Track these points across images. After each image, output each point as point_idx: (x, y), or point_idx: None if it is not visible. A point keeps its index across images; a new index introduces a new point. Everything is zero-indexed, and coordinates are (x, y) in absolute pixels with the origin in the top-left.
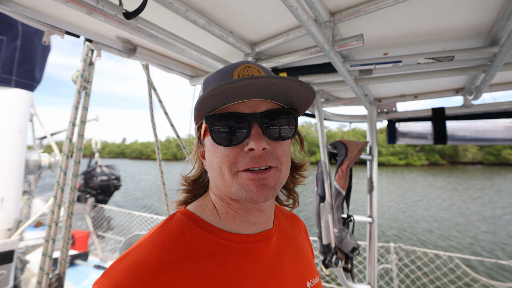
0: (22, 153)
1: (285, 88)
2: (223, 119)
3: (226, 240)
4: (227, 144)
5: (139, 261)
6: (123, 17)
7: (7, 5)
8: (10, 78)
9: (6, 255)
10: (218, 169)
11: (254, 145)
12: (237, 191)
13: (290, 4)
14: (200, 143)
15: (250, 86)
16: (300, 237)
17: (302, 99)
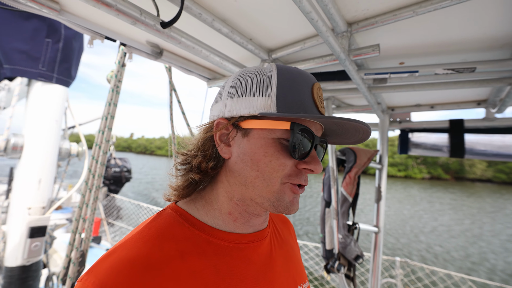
0: (57, 141)
1: (357, 133)
2: (304, 132)
3: (218, 239)
4: (296, 157)
5: (126, 259)
6: (160, 26)
7: (64, 15)
8: (52, 75)
9: (40, 229)
10: (266, 173)
11: (318, 169)
12: (277, 199)
13: (311, 17)
14: (235, 127)
15: (342, 124)
16: (291, 240)
17: (343, 140)
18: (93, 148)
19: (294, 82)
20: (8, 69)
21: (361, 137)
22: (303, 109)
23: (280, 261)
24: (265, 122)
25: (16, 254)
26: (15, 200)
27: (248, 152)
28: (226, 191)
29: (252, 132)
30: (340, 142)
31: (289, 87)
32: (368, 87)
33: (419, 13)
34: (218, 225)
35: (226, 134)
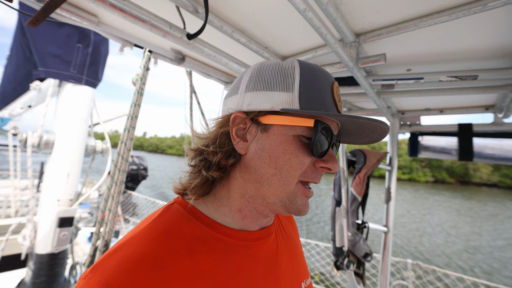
0: (84, 138)
1: (372, 133)
2: (325, 130)
3: (227, 236)
4: (315, 155)
5: (133, 257)
6: (186, 38)
7: (101, 27)
8: (81, 77)
9: (68, 220)
10: (284, 171)
11: (334, 167)
12: (289, 200)
13: (320, 32)
14: (255, 122)
15: (369, 125)
16: (295, 236)
17: (356, 140)
18: (118, 145)
19: (316, 80)
20: (42, 71)
21: (376, 137)
22: (324, 107)
23: (286, 257)
24: (287, 118)
25: (46, 242)
26: (45, 192)
27: (266, 148)
28: (239, 188)
29: (272, 128)
30: (352, 141)
31: (311, 84)
32: (377, 92)
33: (420, 27)
34: (227, 223)
35: (244, 129)
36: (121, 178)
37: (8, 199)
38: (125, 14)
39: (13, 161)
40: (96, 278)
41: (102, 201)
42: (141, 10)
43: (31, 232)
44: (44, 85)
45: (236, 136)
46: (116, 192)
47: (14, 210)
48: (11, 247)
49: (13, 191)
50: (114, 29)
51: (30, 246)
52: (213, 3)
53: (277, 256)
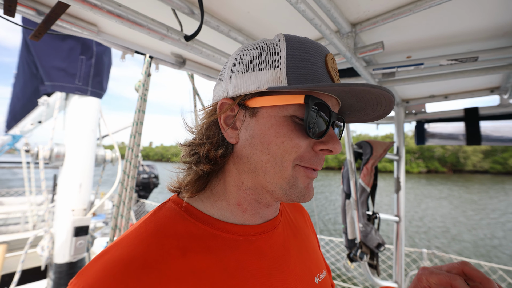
0: (93, 148)
1: (374, 109)
2: (319, 107)
3: (225, 232)
4: (311, 135)
5: (120, 260)
6: (184, 40)
7: (101, 36)
8: (87, 89)
9: (83, 229)
10: (278, 155)
11: (336, 149)
12: (289, 185)
13: (315, 23)
14: (242, 108)
15: (369, 95)
16: (306, 228)
17: (362, 117)
18: (126, 151)
19: (306, 52)
20: (49, 85)
21: (384, 111)
22: (317, 82)
23: (295, 251)
24: (275, 98)
25: (64, 252)
26: (60, 203)
27: (257, 133)
28: (235, 180)
29: (261, 111)
30: (359, 119)
31: (300, 57)
32: (379, 81)
33: (415, 11)
34: (226, 217)
35: (232, 116)
36: (131, 184)
37: (26, 214)
38: (122, 20)
39: (27, 178)
40: (80, 284)
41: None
42: (138, 15)
43: (49, 243)
44: (52, 99)
45: (225, 124)
46: (127, 198)
47: (31, 225)
48: (30, 260)
49: (29, 206)
50: (114, 37)
51: (49, 257)
52: (208, 3)
53: (284, 250)
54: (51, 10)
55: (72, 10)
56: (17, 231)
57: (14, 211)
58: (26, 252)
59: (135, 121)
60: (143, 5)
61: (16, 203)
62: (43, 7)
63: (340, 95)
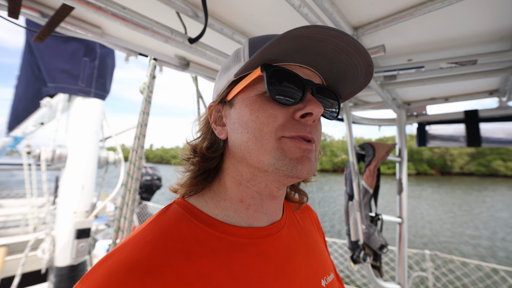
0: (96, 150)
1: (352, 65)
2: (282, 74)
3: (230, 235)
4: (282, 101)
5: (124, 263)
6: (188, 42)
7: (105, 38)
8: (90, 90)
9: (85, 231)
10: (255, 130)
11: (315, 109)
12: (276, 158)
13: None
14: (224, 104)
15: (331, 46)
16: (313, 230)
17: (352, 86)
18: (130, 153)
19: (267, 40)
20: (52, 87)
21: (363, 61)
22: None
23: (301, 254)
24: (242, 82)
25: (65, 255)
26: (62, 205)
27: (236, 119)
28: (234, 176)
29: (236, 99)
30: (353, 87)
31: (261, 45)
32: (380, 84)
33: (416, 16)
34: (230, 217)
35: (221, 116)
36: (134, 186)
37: (26, 217)
38: (127, 22)
39: (28, 180)
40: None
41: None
42: (142, 17)
43: (50, 246)
44: (54, 101)
45: (216, 124)
46: (130, 200)
47: (32, 228)
48: (31, 263)
49: (30, 209)
50: (118, 39)
51: (49, 260)
52: (212, 6)
53: (290, 252)
54: (55, 12)
55: (76, 12)
56: (18, 234)
57: (15, 214)
58: (26, 255)
59: (139, 123)
60: (148, 8)
61: (17, 205)
62: (47, 9)
63: (302, 61)
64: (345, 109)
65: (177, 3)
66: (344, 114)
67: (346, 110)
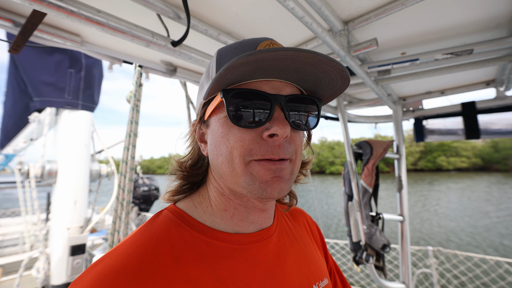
0: (87, 163)
1: (322, 72)
2: (244, 96)
3: (219, 241)
4: (245, 125)
5: (113, 267)
6: (171, 45)
7: (85, 46)
8: (77, 103)
9: (80, 247)
10: (227, 154)
11: (278, 131)
12: (247, 183)
13: (305, 21)
14: (203, 123)
15: (289, 61)
16: (305, 235)
17: (331, 89)
18: (120, 165)
19: (234, 52)
20: (38, 101)
21: (332, 68)
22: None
23: (291, 260)
24: (212, 104)
25: (60, 272)
26: (55, 222)
27: (212, 139)
28: (216, 187)
29: (210, 120)
30: (331, 92)
31: (227, 60)
32: (375, 80)
33: (407, 5)
34: (217, 224)
35: (204, 134)
36: (127, 199)
37: (23, 235)
38: (103, 27)
39: (22, 197)
40: None
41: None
42: (120, 21)
43: (44, 264)
44: (43, 116)
45: (201, 141)
46: (123, 213)
47: (29, 246)
48: (26, 283)
49: (25, 227)
50: (100, 47)
51: (45, 279)
52: (194, 6)
53: (279, 258)
54: (26, 20)
55: (51, 20)
56: (16, 253)
57: (11, 232)
58: (20, 275)
59: (128, 133)
60: (126, 11)
61: (13, 224)
62: (19, 17)
63: (274, 70)
64: (340, 107)
65: (157, 4)
66: (339, 113)
67: (341, 109)
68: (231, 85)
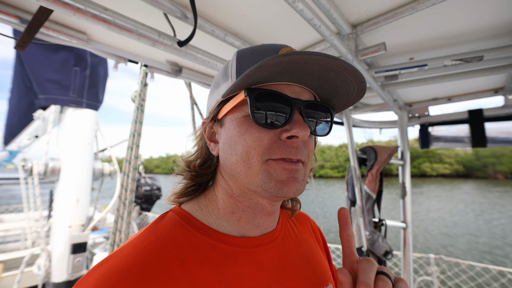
0: (91, 162)
1: (342, 81)
2: (267, 97)
3: (224, 244)
4: (266, 125)
5: (119, 268)
6: (177, 45)
7: (91, 44)
8: (81, 101)
9: (81, 246)
10: (244, 153)
11: (300, 133)
12: (263, 181)
13: (314, 23)
14: (215, 122)
15: (316, 67)
16: (310, 239)
17: (345, 99)
18: (123, 164)
19: (256, 54)
20: (43, 98)
21: (353, 78)
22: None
23: (296, 263)
24: (231, 102)
25: (61, 270)
26: (57, 219)
27: (226, 139)
28: (225, 188)
29: (225, 119)
30: (345, 102)
31: (249, 61)
32: (381, 85)
33: (418, 10)
34: (223, 227)
35: (214, 133)
36: (129, 198)
37: (25, 231)
38: (109, 25)
39: (25, 194)
40: None
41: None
42: (126, 19)
43: (46, 262)
44: (47, 113)
45: (210, 141)
46: (125, 212)
47: (30, 242)
48: (27, 279)
49: (27, 223)
50: (105, 45)
51: (45, 276)
52: (202, 6)
53: (284, 262)
54: (33, 16)
55: (58, 17)
56: (17, 249)
57: (14, 228)
58: (22, 271)
59: (132, 132)
60: (133, 10)
61: (16, 220)
62: (25, 14)
63: (289, 80)
64: (345, 112)
65: (164, 3)
66: (344, 117)
67: (346, 114)
68: (254, 85)
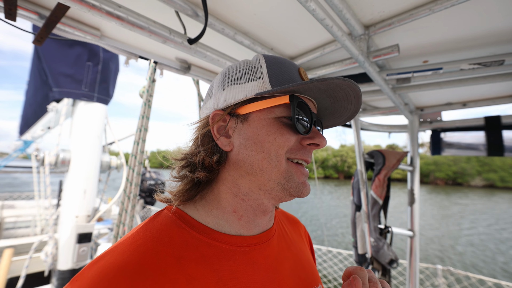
0: (99, 154)
1: (344, 109)
2: (302, 106)
3: (220, 242)
4: (297, 130)
5: (115, 265)
6: (187, 43)
7: (104, 40)
8: (93, 95)
9: (87, 236)
10: (272, 151)
11: (323, 142)
12: (286, 179)
13: (326, 24)
14: (234, 117)
15: (342, 93)
16: (300, 242)
17: (332, 122)
18: (129, 158)
19: (283, 65)
20: (56, 91)
21: (353, 109)
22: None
23: (289, 264)
24: (263, 102)
25: (67, 258)
26: (65, 208)
27: (250, 136)
28: (230, 187)
29: (251, 116)
30: (333, 122)
31: (279, 69)
32: (392, 87)
33: (435, 11)
34: (221, 226)
35: (224, 126)
36: (134, 192)
37: (35, 218)
38: (122, 22)
39: (37, 182)
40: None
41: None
42: (139, 16)
43: (53, 249)
44: (60, 106)
45: (218, 134)
46: (129, 206)
47: (40, 229)
48: (35, 264)
49: (37, 210)
50: (118, 41)
51: (52, 263)
52: (213, 5)
53: (278, 262)
54: (51, 12)
55: (74, 14)
56: (27, 235)
57: (25, 215)
58: (30, 257)
59: (138, 127)
60: (145, 7)
61: (27, 207)
62: (44, 10)
63: (317, 96)
64: None
65: (176, 1)
66: (352, 120)
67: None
68: (293, 93)
